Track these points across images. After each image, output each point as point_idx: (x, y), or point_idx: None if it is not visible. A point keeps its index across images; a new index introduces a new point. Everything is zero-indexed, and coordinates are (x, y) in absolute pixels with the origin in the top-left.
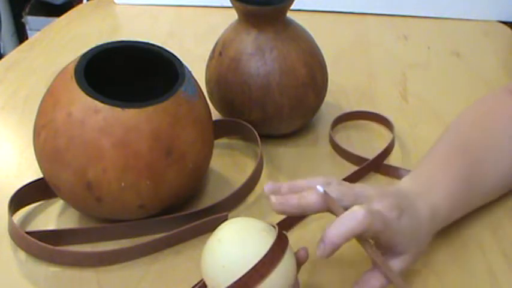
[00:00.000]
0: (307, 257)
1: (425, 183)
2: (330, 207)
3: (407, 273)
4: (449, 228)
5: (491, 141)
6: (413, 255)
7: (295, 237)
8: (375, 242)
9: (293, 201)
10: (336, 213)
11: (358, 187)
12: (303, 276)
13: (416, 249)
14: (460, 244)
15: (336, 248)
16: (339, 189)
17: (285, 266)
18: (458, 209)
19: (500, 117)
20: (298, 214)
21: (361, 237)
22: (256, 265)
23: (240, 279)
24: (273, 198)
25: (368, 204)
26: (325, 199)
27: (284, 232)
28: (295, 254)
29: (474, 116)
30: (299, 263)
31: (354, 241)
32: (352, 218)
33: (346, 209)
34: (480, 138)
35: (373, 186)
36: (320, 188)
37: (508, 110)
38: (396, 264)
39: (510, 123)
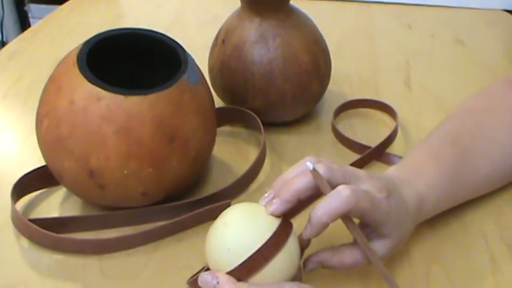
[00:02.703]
0: (308, 242)
1: (412, 172)
2: (318, 184)
3: (412, 263)
4: (452, 218)
5: (483, 133)
6: (396, 241)
7: (297, 224)
8: (362, 222)
9: (286, 195)
10: (323, 191)
11: (348, 167)
12: None
13: (400, 235)
14: (463, 233)
15: (322, 227)
16: (328, 167)
17: (289, 250)
18: (445, 199)
19: (496, 109)
20: (295, 201)
21: (347, 216)
22: (261, 248)
23: (245, 261)
24: (268, 207)
25: (356, 184)
26: (313, 176)
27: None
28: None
29: (471, 107)
30: (301, 249)
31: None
32: (338, 198)
33: (335, 187)
34: (473, 129)
35: (362, 170)
36: (310, 165)
37: (505, 103)
38: (378, 247)
39: (506, 116)
